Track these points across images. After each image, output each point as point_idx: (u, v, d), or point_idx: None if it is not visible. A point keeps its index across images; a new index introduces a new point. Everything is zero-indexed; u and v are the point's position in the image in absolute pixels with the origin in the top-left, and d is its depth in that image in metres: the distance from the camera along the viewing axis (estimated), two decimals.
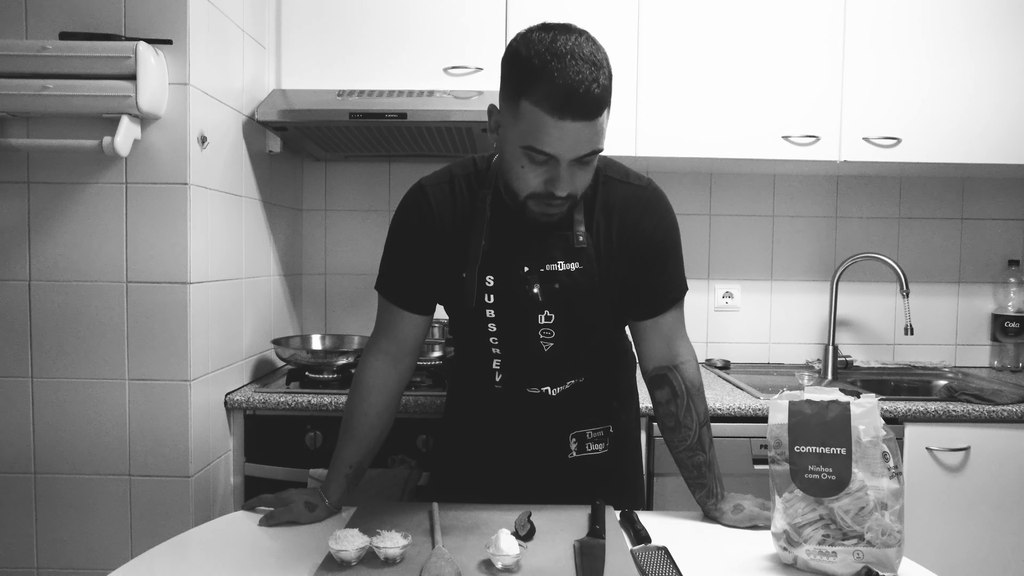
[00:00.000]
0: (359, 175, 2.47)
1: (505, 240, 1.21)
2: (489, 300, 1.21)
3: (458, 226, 1.23)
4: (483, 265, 1.20)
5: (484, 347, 1.28)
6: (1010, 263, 2.47)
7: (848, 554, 0.99)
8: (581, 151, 1.05)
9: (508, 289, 1.20)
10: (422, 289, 1.29)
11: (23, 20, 1.56)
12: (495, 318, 1.22)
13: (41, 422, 1.61)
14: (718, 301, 2.50)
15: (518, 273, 1.20)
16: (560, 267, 1.19)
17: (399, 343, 1.31)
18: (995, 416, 1.82)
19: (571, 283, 1.19)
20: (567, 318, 1.21)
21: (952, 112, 2.10)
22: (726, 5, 2.09)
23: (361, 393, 1.30)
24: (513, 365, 1.28)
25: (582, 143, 1.04)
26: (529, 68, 1.02)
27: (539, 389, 1.30)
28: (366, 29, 2.06)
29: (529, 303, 1.20)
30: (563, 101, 1.00)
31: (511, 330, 1.24)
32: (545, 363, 1.26)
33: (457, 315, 1.31)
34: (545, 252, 1.19)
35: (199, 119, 1.64)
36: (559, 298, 1.20)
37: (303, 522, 1.19)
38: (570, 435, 1.34)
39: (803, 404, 1.05)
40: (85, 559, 1.62)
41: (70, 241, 1.59)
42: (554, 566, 1.01)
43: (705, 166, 2.32)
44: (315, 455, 1.79)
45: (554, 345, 1.24)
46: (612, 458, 1.38)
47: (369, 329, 1.37)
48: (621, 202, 1.22)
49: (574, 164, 1.07)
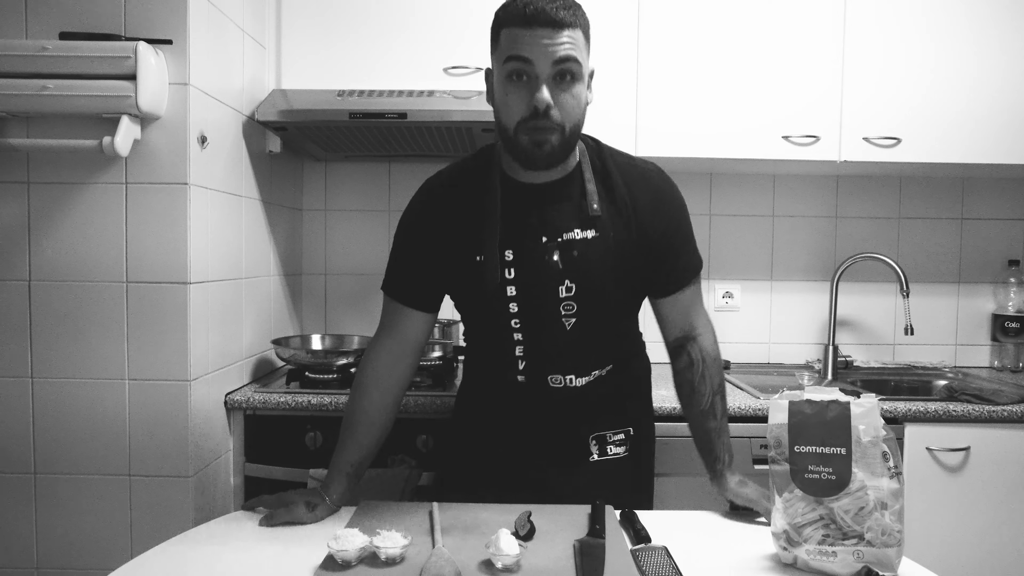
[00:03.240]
0: (359, 175, 2.47)
1: (520, 214, 1.24)
2: (510, 275, 1.23)
3: (469, 213, 1.26)
4: (501, 240, 1.23)
5: (505, 333, 1.28)
6: (1010, 263, 2.47)
7: (848, 554, 0.99)
8: (555, 55, 1.12)
9: (528, 261, 1.23)
10: (429, 286, 1.32)
11: (23, 20, 1.56)
12: (516, 296, 1.24)
13: (41, 422, 1.61)
14: (718, 301, 2.50)
15: (537, 244, 1.23)
16: (577, 235, 1.23)
17: (403, 342, 1.33)
18: (995, 416, 1.82)
19: (589, 250, 1.22)
20: (587, 290, 1.24)
21: (952, 112, 2.10)
22: (726, 5, 2.09)
23: (363, 391, 1.31)
24: (536, 349, 1.28)
25: (554, 48, 1.12)
26: (505, 6, 1.18)
27: (563, 379, 1.30)
28: (366, 29, 2.07)
29: (549, 274, 1.22)
30: (532, 13, 1.12)
31: (533, 305, 1.25)
32: (568, 345, 1.27)
33: (474, 304, 1.32)
34: (561, 222, 1.23)
35: (199, 119, 1.64)
36: (578, 266, 1.22)
37: (305, 522, 1.19)
38: (591, 437, 1.34)
39: (803, 404, 1.05)
40: (85, 559, 1.62)
41: (70, 241, 1.59)
42: (554, 566, 1.01)
43: (705, 166, 2.32)
44: (315, 455, 1.79)
45: (576, 321, 1.25)
46: (631, 463, 1.38)
47: (369, 329, 1.38)
48: (633, 180, 1.27)
49: (553, 83, 1.14)
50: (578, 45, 1.14)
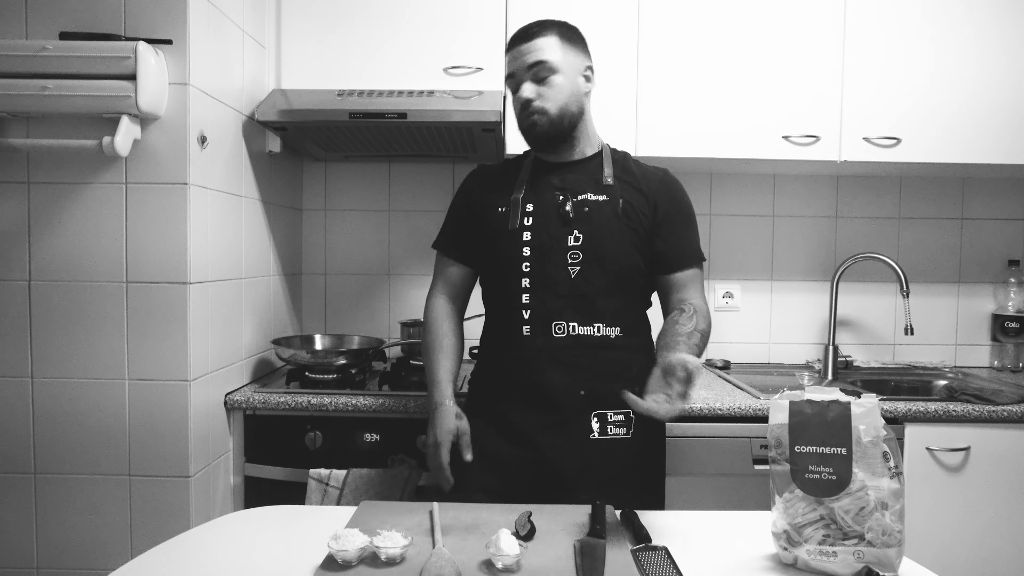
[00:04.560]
0: (359, 175, 2.47)
1: (544, 178, 1.52)
2: (527, 222, 1.48)
3: (504, 183, 1.54)
4: (524, 197, 1.50)
5: (514, 284, 1.46)
6: (1010, 263, 2.47)
7: (848, 554, 0.99)
8: (528, 61, 1.45)
9: (544, 211, 1.48)
10: (467, 241, 1.58)
11: (23, 20, 1.57)
12: (531, 240, 1.46)
13: (41, 422, 1.61)
14: (718, 301, 2.50)
15: (554, 199, 1.48)
16: (590, 197, 1.47)
17: (451, 286, 1.61)
18: (995, 416, 1.82)
19: (598, 209, 1.46)
20: (593, 240, 1.44)
21: (952, 112, 2.10)
22: (726, 5, 2.09)
23: (437, 320, 1.58)
24: (542, 294, 1.45)
25: (527, 57, 1.45)
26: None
27: (566, 327, 1.44)
28: (366, 29, 2.06)
29: (561, 221, 1.46)
30: (512, 38, 1.50)
31: (542, 250, 1.45)
32: (572, 290, 1.44)
33: (494, 253, 1.51)
34: (578, 186, 1.49)
35: (199, 119, 1.64)
36: (587, 219, 1.45)
37: (463, 430, 1.45)
38: (592, 414, 1.44)
39: (804, 404, 1.05)
40: (85, 559, 1.62)
41: (70, 241, 1.59)
42: (554, 566, 1.01)
43: (705, 166, 2.32)
44: (315, 455, 1.79)
45: (580, 270, 1.44)
46: (634, 450, 1.45)
47: (370, 329, 1.41)
48: (646, 169, 1.54)
49: (530, 78, 1.45)
50: (550, 47, 1.45)
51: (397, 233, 2.47)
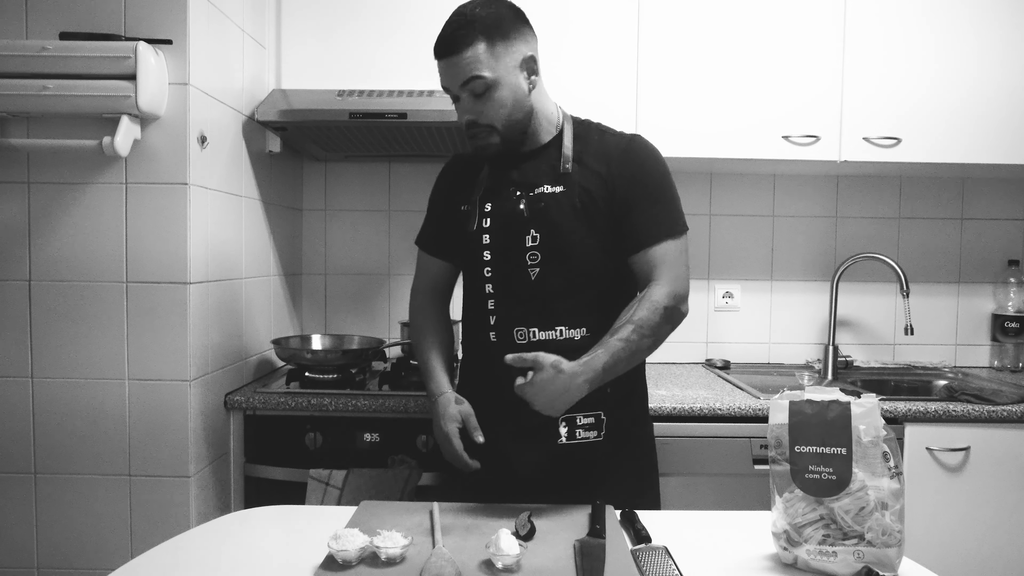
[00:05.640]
0: (359, 175, 2.47)
1: (503, 174, 1.41)
2: (486, 224, 1.40)
3: (471, 178, 1.46)
4: (483, 194, 1.41)
5: (480, 286, 1.41)
6: (1010, 263, 2.47)
7: (848, 554, 0.99)
8: (460, 79, 1.30)
9: (500, 211, 1.39)
10: (444, 238, 1.51)
11: (23, 20, 1.57)
12: (490, 243, 1.39)
13: (41, 422, 1.61)
14: (718, 301, 2.50)
15: (510, 196, 1.39)
16: (547, 190, 1.37)
17: (432, 282, 1.55)
18: (995, 416, 1.82)
19: (555, 203, 1.36)
20: (551, 239, 1.35)
21: (952, 112, 2.10)
22: (726, 4, 2.09)
23: (424, 314, 1.54)
24: (504, 300, 1.39)
25: (458, 73, 1.30)
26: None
27: (527, 333, 1.36)
28: (366, 29, 2.07)
29: (518, 222, 1.37)
30: (437, 46, 1.32)
31: (502, 253, 1.38)
32: (533, 296, 1.37)
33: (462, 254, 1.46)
34: (535, 178, 1.39)
35: (199, 119, 1.64)
36: (544, 217, 1.36)
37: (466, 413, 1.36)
38: (560, 420, 1.36)
39: (803, 404, 1.05)
40: (85, 559, 1.63)
41: (70, 241, 1.60)
42: (554, 566, 1.01)
43: (705, 166, 2.32)
44: (315, 455, 1.79)
45: (540, 272, 1.36)
46: (606, 451, 1.38)
47: (370, 329, 1.40)
48: (609, 140, 1.41)
49: (470, 99, 1.32)
50: (479, 59, 1.29)
51: (397, 233, 2.47)
